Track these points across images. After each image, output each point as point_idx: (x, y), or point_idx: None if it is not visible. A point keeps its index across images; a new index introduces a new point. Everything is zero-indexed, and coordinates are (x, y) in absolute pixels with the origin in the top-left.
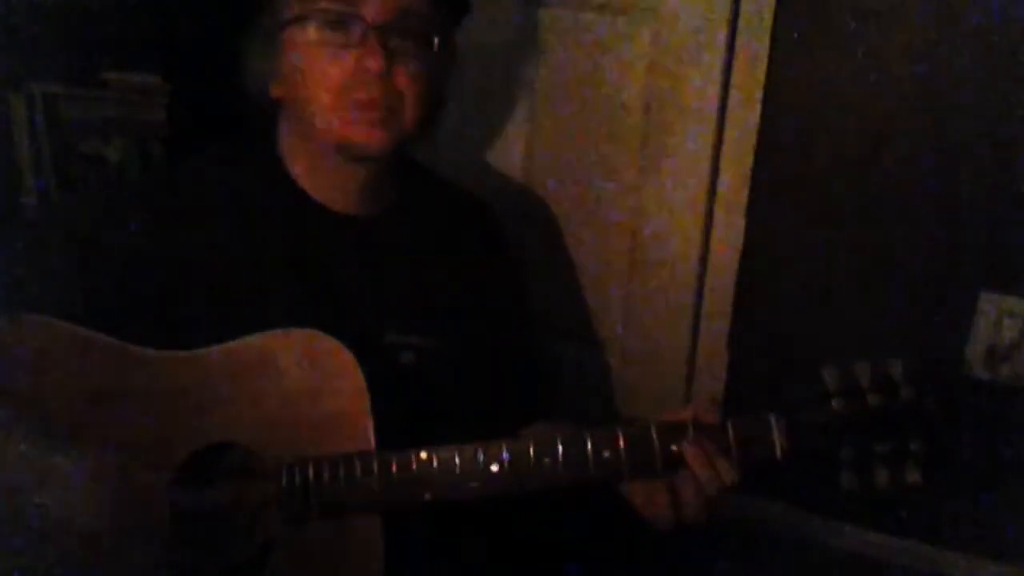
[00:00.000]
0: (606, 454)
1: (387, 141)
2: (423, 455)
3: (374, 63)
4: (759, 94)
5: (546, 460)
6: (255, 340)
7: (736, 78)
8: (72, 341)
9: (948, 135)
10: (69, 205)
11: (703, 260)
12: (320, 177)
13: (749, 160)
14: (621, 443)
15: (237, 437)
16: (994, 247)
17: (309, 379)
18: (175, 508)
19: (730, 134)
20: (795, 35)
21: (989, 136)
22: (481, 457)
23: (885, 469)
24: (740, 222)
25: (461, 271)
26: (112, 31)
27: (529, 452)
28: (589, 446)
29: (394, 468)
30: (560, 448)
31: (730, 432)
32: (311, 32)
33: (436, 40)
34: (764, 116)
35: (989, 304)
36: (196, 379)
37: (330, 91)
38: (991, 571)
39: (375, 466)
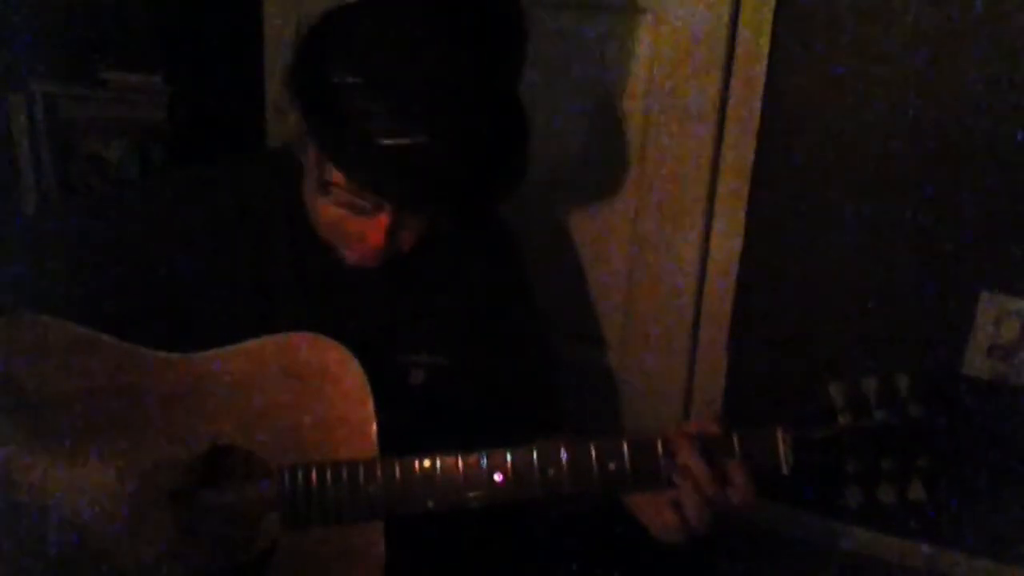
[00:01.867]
0: (611, 465)
1: (380, 263)
2: (426, 462)
3: (376, 239)
4: (759, 94)
5: (550, 470)
6: (259, 344)
7: (736, 78)
8: (74, 341)
9: (948, 135)
10: (69, 205)
11: (703, 260)
12: None
13: (749, 160)
14: (626, 455)
15: (239, 440)
16: (994, 247)
17: (312, 383)
18: (177, 510)
19: (730, 134)
20: (795, 35)
21: (989, 136)
22: (485, 466)
23: (890, 486)
24: (740, 222)
25: (473, 289)
26: (112, 31)
27: (533, 461)
28: (594, 457)
29: (397, 475)
30: (564, 458)
31: (736, 446)
32: (328, 197)
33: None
34: (764, 116)
35: (989, 304)
36: (199, 381)
37: (329, 229)
38: (991, 571)
39: (378, 472)
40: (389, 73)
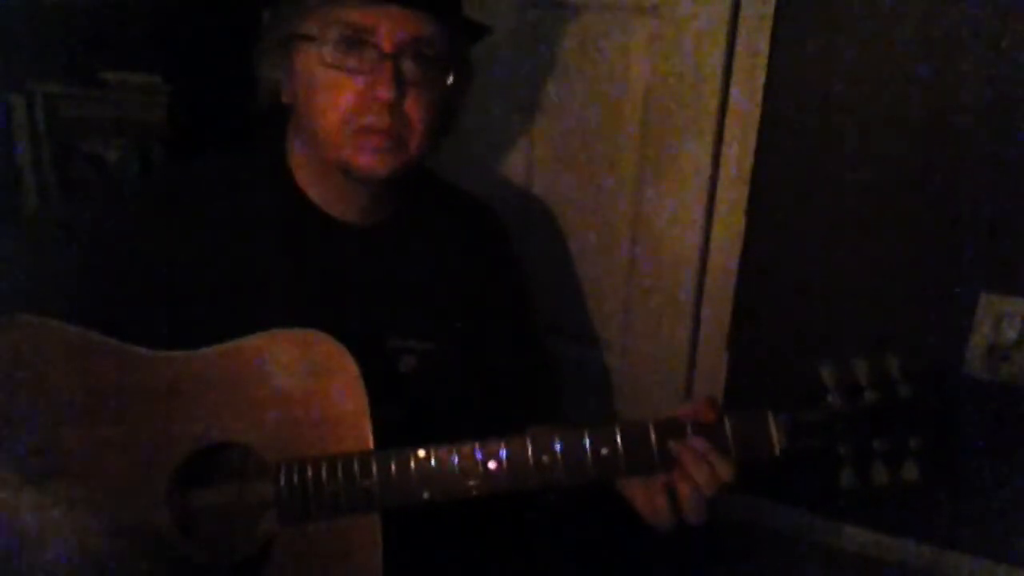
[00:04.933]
0: (604, 452)
1: (391, 167)
2: (421, 454)
3: (384, 92)
4: (759, 94)
5: (544, 458)
6: (254, 340)
7: (736, 78)
8: (71, 341)
9: (948, 135)
10: (69, 205)
11: (703, 260)
12: (324, 187)
13: (749, 160)
14: (619, 441)
15: (236, 437)
16: (994, 247)
17: (307, 379)
18: (174, 509)
19: (730, 134)
20: (795, 35)
21: (989, 136)
22: (479, 455)
23: (883, 466)
24: (740, 222)
25: (463, 276)
26: (112, 31)
27: (527, 450)
28: (587, 444)
29: (392, 467)
30: (558, 446)
31: (728, 430)
32: (324, 53)
33: (451, 74)
34: (764, 116)
35: (989, 304)
36: (195, 379)
37: (337, 114)
38: (991, 571)
39: (373, 466)
40: None
